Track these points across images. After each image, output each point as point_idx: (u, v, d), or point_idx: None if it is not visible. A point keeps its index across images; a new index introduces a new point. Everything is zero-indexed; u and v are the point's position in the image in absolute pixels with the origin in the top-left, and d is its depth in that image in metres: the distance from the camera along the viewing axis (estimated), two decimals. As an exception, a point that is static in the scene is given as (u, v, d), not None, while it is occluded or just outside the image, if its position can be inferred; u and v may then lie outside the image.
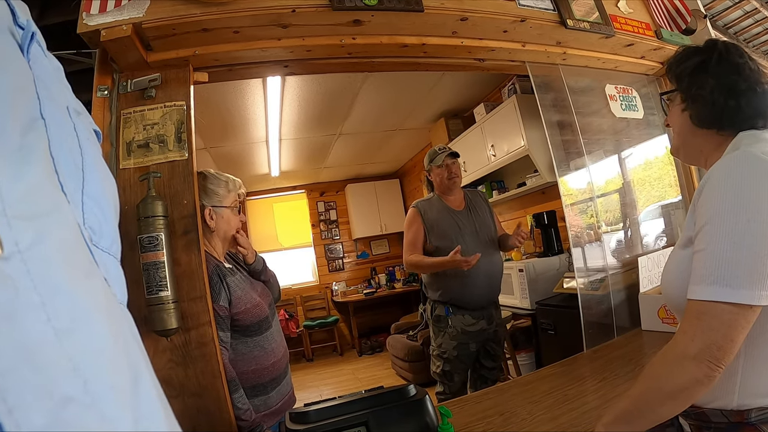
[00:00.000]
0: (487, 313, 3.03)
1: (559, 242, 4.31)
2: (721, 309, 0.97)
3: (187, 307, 1.67)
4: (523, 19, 2.24)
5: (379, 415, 1.36)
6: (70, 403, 0.28)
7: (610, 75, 2.92)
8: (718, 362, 0.96)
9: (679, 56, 1.32)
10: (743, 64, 1.18)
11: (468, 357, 3.00)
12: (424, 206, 3.12)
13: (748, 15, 7.19)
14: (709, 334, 0.97)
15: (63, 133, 0.42)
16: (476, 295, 2.97)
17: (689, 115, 1.27)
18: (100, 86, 1.77)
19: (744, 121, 1.17)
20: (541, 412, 1.74)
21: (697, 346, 0.98)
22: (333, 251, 9.02)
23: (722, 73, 1.19)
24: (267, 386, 1.89)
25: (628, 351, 2.27)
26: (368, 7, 1.92)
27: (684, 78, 1.29)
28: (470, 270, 2.79)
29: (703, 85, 1.22)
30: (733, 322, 0.96)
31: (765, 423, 1.06)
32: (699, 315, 1.00)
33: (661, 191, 3.15)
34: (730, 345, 0.96)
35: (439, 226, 3.04)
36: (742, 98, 1.17)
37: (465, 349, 2.97)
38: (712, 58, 1.22)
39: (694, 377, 0.99)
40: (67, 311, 0.31)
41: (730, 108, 1.18)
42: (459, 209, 3.13)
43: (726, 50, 1.22)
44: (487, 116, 4.72)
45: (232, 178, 2.03)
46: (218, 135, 5.33)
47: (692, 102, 1.26)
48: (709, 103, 1.21)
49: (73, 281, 0.33)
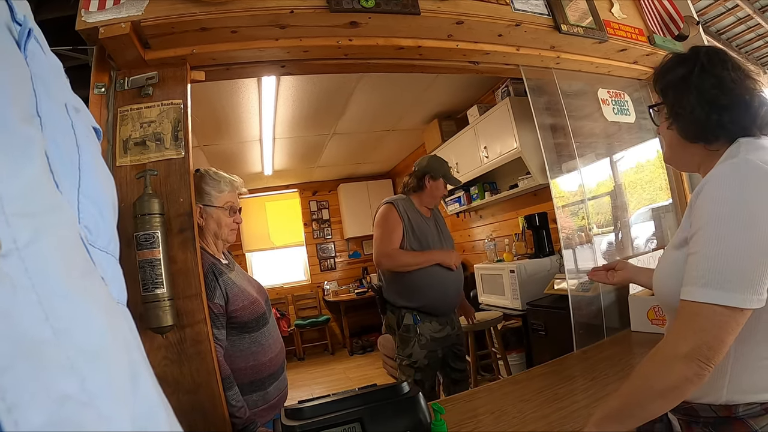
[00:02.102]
0: (450, 319, 3.09)
1: (551, 244, 4.34)
2: (713, 311, 0.99)
3: (182, 305, 1.68)
4: (517, 24, 2.27)
5: (374, 411, 1.37)
6: (67, 402, 0.27)
7: (602, 79, 2.94)
8: (708, 362, 0.99)
9: (664, 68, 1.33)
10: (724, 77, 1.18)
11: (436, 363, 3.03)
12: (402, 205, 3.09)
13: (740, 21, 7.22)
14: (700, 334, 1.00)
15: (59, 131, 0.42)
16: (447, 302, 3.04)
17: (676, 130, 1.29)
18: (97, 83, 1.78)
19: (732, 132, 1.18)
20: (531, 411, 1.76)
21: (688, 346, 1.01)
22: (325, 250, 9.02)
23: (703, 88, 1.20)
24: (265, 382, 1.91)
25: (617, 351, 2.30)
26: (365, 9, 1.94)
27: (668, 92, 1.31)
28: (444, 277, 2.95)
29: (684, 104, 1.23)
30: (724, 324, 0.99)
31: (752, 417, 1.09)
32: (691, 316, 1.03)
33: (652, 194, 3.18)
34: (720, 346, 0.99)
35: (418, 228, 3.06)
36: (724, 113, 1.17)
37: (434, 356, 2.99)
38: (693, 71, 1.22)
39: (684, 376, 1.01)
40: (65, 310, 0.30)
41: (712, 122, 1.19)
42: (428, 217, 3.17)
43: (708, 60, 1.22)
44: (480, 118, 4.74)
45: (229, 178, 2.04)
46: (212, 133, 5.32)
47: (676, 118, 1.28)
48: (692, 121, 1.23)
49: (72, 279, 0.33)
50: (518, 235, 4.90)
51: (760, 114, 1.17)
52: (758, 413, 1.09)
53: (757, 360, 1.08)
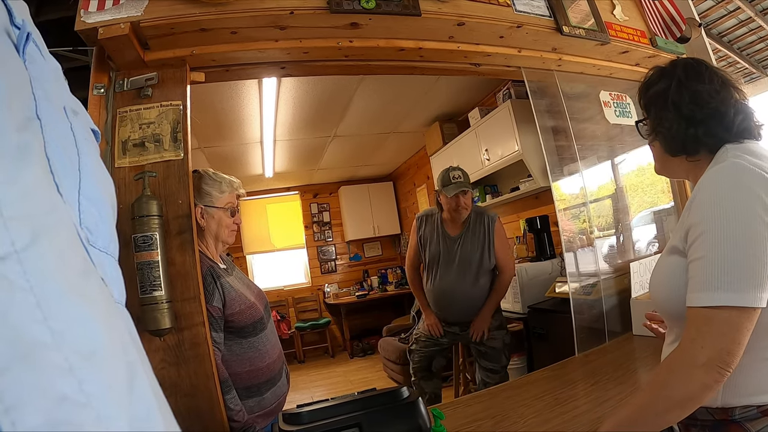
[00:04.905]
0: (462, 326, 3.29)
1: (552, 247, 4.33)
2: (728, 314, 0.99)
3: (180, 308, 1.67)
4: (519, 25, 2.26)
5: (372, 416, 1.36)
6: (65, 403, 0.28)
7: (604, 81, 2.94)
8: (727, 366, 0.99)
9: (645, 83, 1.36)
10: (700, 91, 1.21)
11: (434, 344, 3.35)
12: (423, 220, 3.37)
13: (742, 24, 7.23)
14: (718, 340, 1.00)
15: (59, 134, 0.42)
16: (451, 315, 3.26)
17: (659, 145, 1.33)
18: (96, 84, 1.77)
19: (710, 144, 1.21)
20: (532, 416, 1.75)
21: (707, 354, 1.01)
22: (326, 253, 9.01)
23: (681, 103, 1.22)
24: (262, 387, 1.89)
25: (619, 355, 2.29)
26: (366, 10, 1.93)
27: (650, 109, 1.34)
28: (448, 296, 3.20)
29: (662, 122, 1.28)
30: (740, 325, 0.99)
31: (748, 421, 1.09)
32: (705, 322, 1.03)
33: (654, 197, 3.17)
34: (737, 348, 0.99)
35: (430, 246, 3.29)
36: (700, 127, 1.20)
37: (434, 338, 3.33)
38: (671, 87, 1.25)
39: (704, 384, 1.01)
40: (64, 311, 0.31)
41: (690, 137, 1.22)
42: (453, 235, 3.25)
43: (685, 75, 1.25)
44: (481, 120, 4.73)
45: (229, 179, 2.03)
46: (213, 135, 5.32)
47: (657, 134, 1.32)
48: (672, 137, 1.26)
49: (70, 282, 0.33)
50: (519, 238, 4.89)
51: (736, 123, 1.19)
52: (755, 416, 1.08)
53: (753, 362, 1.08)
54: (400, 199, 9.02)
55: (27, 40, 0.42)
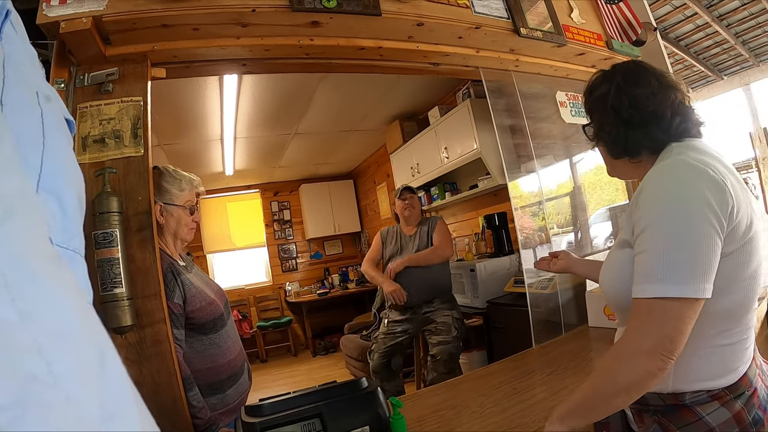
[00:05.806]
0: (415, 309, 3.72)
1: (510, 243, 4.42)
2: (670, 304, 1.03)
3: (141, 305, 1.66)
4: (477, 26, 2.30)
5: (332, 406, 1.38)
6: (33, 383, 0.27)
7: (561, 82, 3.01)
8: (670, 354, 1.03)
9: (589, 87, 1.41)
10: (638, 95, 1.25)
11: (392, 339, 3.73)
12: (386, 231, 4.08)
13: (699, 29, 7.47)
14: (661, 328, 1.04)
15: (23, 120, 0.41)
16: (409, 297, 3.62)
17: (603, 148, 1.39)
18: (56, 79, 1.73)
19: (649, 147, 1.26)
20: (491, 405, 1.80)
21: (650, 342, 1.05)
22: (286, 251, 8.96)
23: (620, 108, 1.27)
24: (224, 384, 1.89)
25: (575, 346, 2.37)
26: (327, 9, 1.94)
27: (593, 113, 1.39)
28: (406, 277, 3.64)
29: (604, 126, 1.33)
30: (683, 315, 1.03)
31: (699, 405, 1.14)
32: (649, 312, 1.06)
33: (612, 195, 3.28)
34: (680, 337, 1.03)
35: (391, 244, 3.96)
36: (639, 130, 1.25)
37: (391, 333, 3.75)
38: (610, 92, 1.30)
39: (648, 370, 1.05)
40: (32, 292, 0.30)
41: (630, 140, 1.27)
42: (408, 234, 3.92)
43: (624, 80, 1.29)
44: (441, 119, 4.78)
45: (189, 177, 2.01)
46: (172, 132, 5.23)
47: (600, 139, 1.38)
48: (613, 141, 1.32)
49: (40, 264, 0.32)
50: (478, 234, 4.97)
51: (674, 125, 1.23)
52: (705, 400, 1.14)
53: (700, 349, 1.13)
54: (360, 197, 9.03)
55: (6, 17, 0.42)
